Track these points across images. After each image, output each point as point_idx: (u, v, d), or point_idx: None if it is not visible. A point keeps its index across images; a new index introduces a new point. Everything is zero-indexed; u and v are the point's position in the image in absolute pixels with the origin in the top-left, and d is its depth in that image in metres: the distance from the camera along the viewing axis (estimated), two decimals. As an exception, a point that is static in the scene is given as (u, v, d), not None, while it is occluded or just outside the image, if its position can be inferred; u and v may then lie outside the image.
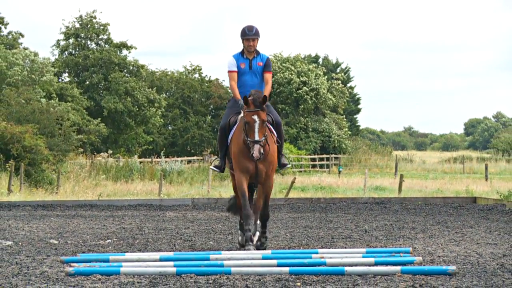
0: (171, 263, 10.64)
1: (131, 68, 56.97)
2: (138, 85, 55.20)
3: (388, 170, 56.55)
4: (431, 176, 48.44)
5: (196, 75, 64.00)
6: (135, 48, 58.20)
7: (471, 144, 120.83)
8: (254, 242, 11.94)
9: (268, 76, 12.33)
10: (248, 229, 11.70)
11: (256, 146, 11.36)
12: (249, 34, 12.24)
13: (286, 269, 10.02)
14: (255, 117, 11.48)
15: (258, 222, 12.28)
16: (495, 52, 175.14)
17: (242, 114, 11.80)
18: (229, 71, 12.36)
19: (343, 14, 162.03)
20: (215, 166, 12.48)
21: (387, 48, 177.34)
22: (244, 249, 11.61)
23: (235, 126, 12.02)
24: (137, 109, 55.06)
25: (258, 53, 12.38)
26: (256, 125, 11.45)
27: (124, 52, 57.34)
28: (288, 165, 12.61)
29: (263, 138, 11.49)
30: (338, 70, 75.84)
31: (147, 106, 55.47)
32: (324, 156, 60.80)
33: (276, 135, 12.12)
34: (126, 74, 55.95)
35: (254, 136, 11.44)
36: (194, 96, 62.14)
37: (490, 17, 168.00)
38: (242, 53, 12.40)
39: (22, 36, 56.56)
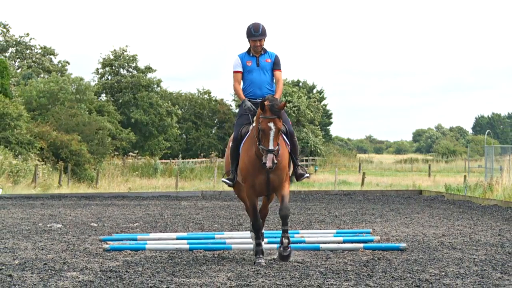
0: (185, 241, 10.63)
1: (154, 86, 57.05)
2: (159, 100, 55.35)
3: (353, 169, 56.55)
4: (386, 173, 48.47)
5: (206, 96, 63.99)
6: (155, 70, 58.41)
7: (417, 149, 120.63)
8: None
9: (278, 74, 9.34)
10: (259, 242, 9.11)
11: (270, 156, 8.45)
12: (256, 35, 9.17)
13: (275, 245, 10.00)
14: (271, 124, 8.56)
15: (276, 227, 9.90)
16: (436, 77, 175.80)
17: (254, 124, 8.92)
18: (234, 72, 9.33)
19: (320, 48, 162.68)
20: (227, 179, 9.25)
21: (354, 73, 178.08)
22: (255, 263, 8.91)
23: (246, 137, 9.09)
24: (159, 119, 55.21)
25: (265, 50, 9.35)
26: (272, 133, 8.54)
27: (149, 74, 57.43)
28: (307, 175, 9.26)
29: (277, 147, 8.62)
30: (314, 91, 75.69)
31: (167, 117, 55.67)
32: (304, 158, 60.76)
33: (289, 144, 9.17)
34: (150, 93, 55.95)
35: (268, 144, 8.51)
36: (203, 112, 62.12)
37: (434, 50, 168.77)
38: (248, 51, 9.36)
39: (68, 63, 57.71)
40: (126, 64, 56.93)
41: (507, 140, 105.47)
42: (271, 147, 8.51)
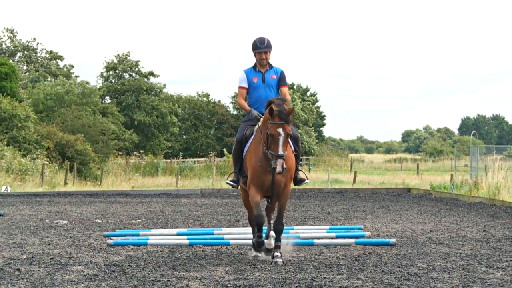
0: (185, 236, 10.63)
1: (156, 90, 57.05)
2: (160, 102, 55.37)
3: (345, 168, 56.53)
4: (377, 172, 48.48)
5: (205, 99, 63.99)
6: (158, 76, 58.40)
7: (406, 149, 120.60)
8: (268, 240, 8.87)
9: (285, 90, 8.95)
10: (260, 235, 8.62)
11: (280, 161, 8.02)
12: (261, 47, 8.80)
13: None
14: (280, 130, 8.15)
15: (272, 224, 9.09)
16: (424, 80, 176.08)
17: (259, 124, 8.55)
18: (239, 87, 8.94)
19: (313, 53, 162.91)
20: (231, 181, 8.85)
21: (346, 77, 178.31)
22: (256, 255, 8.97)
23: (251, 138, 8.67)
24: (161, 119, 55.24)
25: (271, 66, 8.94)
26: (281, 139, 8.11)
27: (152, 79, 57.47)
28: (307, 181, 9.00)
29: (286, 152, 8.18)
30: (308, 94, 75.65)
31: (168, 116, 55.71)
32: (298, 157, 60.73)
33: (296, 148, 8.85)
34: (152, 96, 55.96)
35: (278, 150, 8.07)
36: (202, 113, 62.11)
37: (422, 55, 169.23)
38: (254, 67, 8.96)
39: (73, 67, 57.96)
40: (129, 68, 56.95)
41: (492, 141, 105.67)
42: (280, 152, 8.08)
